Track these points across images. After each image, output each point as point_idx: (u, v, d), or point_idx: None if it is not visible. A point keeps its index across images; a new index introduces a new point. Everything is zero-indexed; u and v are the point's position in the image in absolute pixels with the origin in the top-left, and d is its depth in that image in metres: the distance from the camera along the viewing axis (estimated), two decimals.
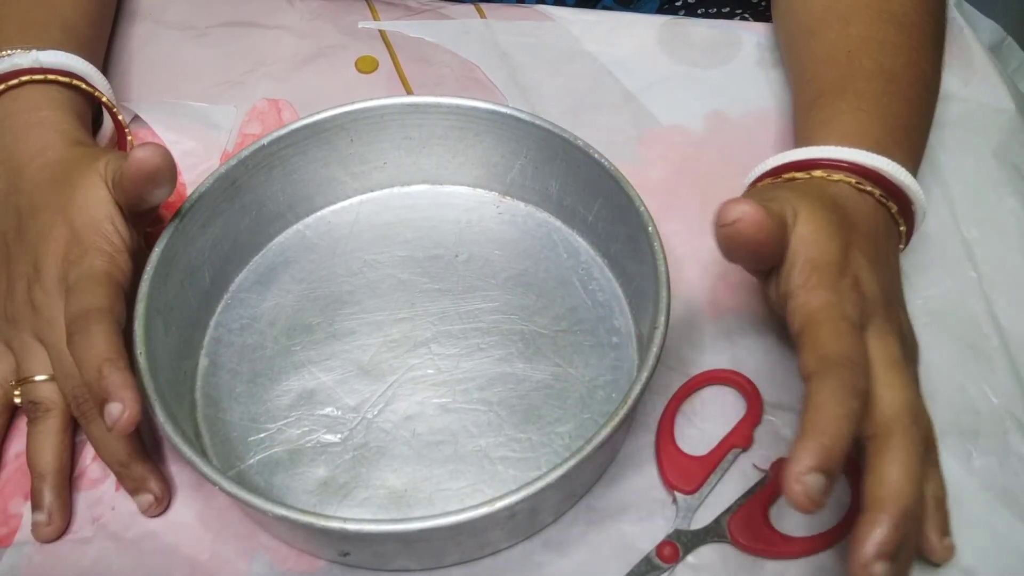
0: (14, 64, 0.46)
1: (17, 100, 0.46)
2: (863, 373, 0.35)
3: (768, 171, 0.44)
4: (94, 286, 0.39)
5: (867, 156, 0.42)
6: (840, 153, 0.42)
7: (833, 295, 0.37)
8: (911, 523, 0.34)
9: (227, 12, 0.62)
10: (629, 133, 0.56)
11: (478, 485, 0.42)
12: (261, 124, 0.57)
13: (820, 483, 0.32)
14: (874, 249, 0.40)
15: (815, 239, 0.38)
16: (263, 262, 0.50)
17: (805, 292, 0.37)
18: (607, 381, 0.45)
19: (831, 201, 0.40)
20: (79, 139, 0.46)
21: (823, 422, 0.33)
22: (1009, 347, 0.47)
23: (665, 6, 0.66)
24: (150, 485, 0.42)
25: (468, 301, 0.48)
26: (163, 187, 0.41)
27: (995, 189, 0.53)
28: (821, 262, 0.38)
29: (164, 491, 0.42)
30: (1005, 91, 0.57)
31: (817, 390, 0.34)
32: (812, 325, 0.36)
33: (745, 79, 0.58)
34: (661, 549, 0.41)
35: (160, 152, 0.40)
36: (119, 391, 0.36)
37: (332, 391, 0.45)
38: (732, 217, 0.36)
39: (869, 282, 0.38)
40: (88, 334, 0.37)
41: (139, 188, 0.41)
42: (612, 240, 0.48)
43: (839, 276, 0.37)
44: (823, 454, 0.32)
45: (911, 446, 0.35)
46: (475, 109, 0.49)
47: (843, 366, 0.34)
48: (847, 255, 0.38)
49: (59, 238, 0.42)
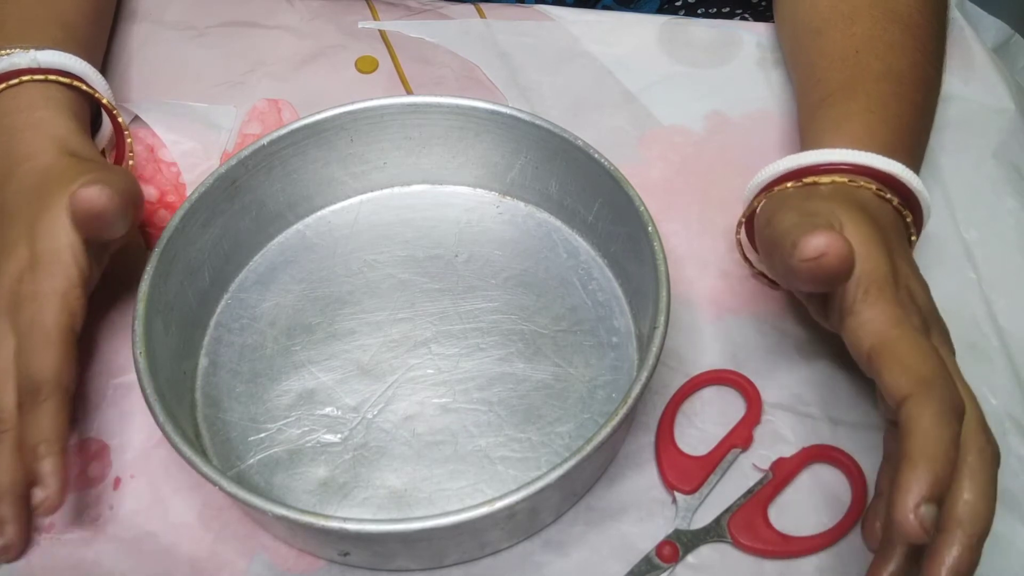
0: (13, 64, 0.46)
1: (15, 99, 0.46)
2: (957, 390, 0.34)
3: (782, 175, 0.44)
4: (46, 347, 0.40)
5: (885, 162, 0.41)
6: (856, 157, 0.42)
7: (898, 308, 0.36)
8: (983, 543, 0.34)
9: (227, 12, 0.62)
10: (629, 133, 0.56)
11: (478, 485, 0.42)
12: (261, 124, 0.57)
13: (934, 513, 0.31)
14: (909, 256, 0.40)
15: (866, 252, 0.37)
16: (263, 262, 0.50)
17: (868, 308, 0.36)
18: (607, 381, 0.45)
19: (865, 209, 0.40)
20: (73, 146, 0.45)
21: (931, 448, 0.32)
22: (1008, 348, 0.47)
23: (665, 6, 0.66)
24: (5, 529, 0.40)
25: (468, 301, 0.48)
26: (116, 225, 0.40)
27: (995, 189, 0.53)
28: (877, 275, 0.36)
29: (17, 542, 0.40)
30: (1005, 91, 0.57)
31: (919, 414, 0.33)
32: (888, 343, 0.35)
33: (745, 79, 0.58)
34: (661, 549, 0.41)
35: (105, 193, 0.39)
36: (47, 477, 0.38)
37: (332, 391, 0.45)
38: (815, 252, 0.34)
39: (919, 291, 0.38)
40: (35, 409, 0.39)
41: (86, 229, 0.41)
42: (612, 240, 0.48)
43: (896, 288, 0.36)
44: (936, 484, 0.32)
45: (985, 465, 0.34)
46: (475, 109, 0.49)
47: (940, 385, 0.33)
48: (896, 264, 0.38)
49: (19, 259, 0.41)
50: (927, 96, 0.48)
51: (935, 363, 0.35)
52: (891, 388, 0.34)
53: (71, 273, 0.41)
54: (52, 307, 0.40)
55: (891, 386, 0.34)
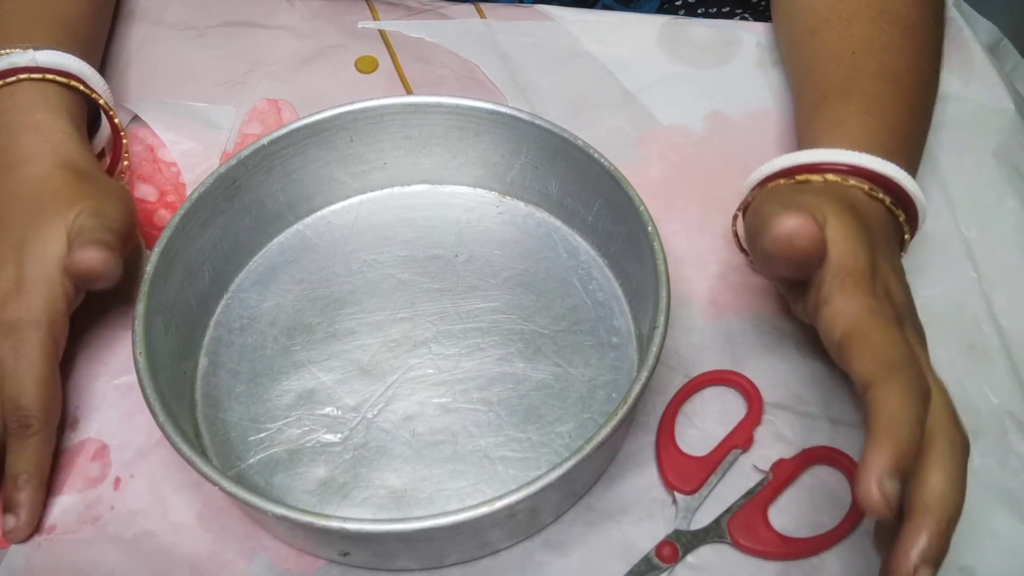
0: (11, 63, 0.46)
1: (13, 99, 0.46)
2: (924, 376, 0.35)
3: (777, 171, 0.44)
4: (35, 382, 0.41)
5: (880, 163, 0.42)
6: (852, 158, 0.42)
7: (872, 300, 0.36)
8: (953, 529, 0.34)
9: (227, 12, 0.62)
10: (629, 133, 0.56)
11: (478, 485, 0.42)
12: (261, 124, 0.57)
13: (897, 488, 0.32)
14: (894, 256, 0.41)
15: (847, 246, 0.37)
16: (263, 262, 0.50)
17: (843, 298, 0.36)
18: (607, 381, 0.45)
19: (851, 205, 0.40)
20: (70, 154, 0.45)
21: (895, 426, 0.32)
22: (1009, 347, 0.47)
23: (665, 6, 0.66)
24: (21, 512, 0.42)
25: (468, 301, 0.48)
26: (111, 279, 0.41)
27: (995, 189, 0.53)
28: (855, 268, 0.37)
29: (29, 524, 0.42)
30: (1005, 91, 0.57)
31: (884, 395, 0.33)
32: (860, 331, 0.35)
33: (745, 79, 0.58)
34: (661, 549, 0.41)
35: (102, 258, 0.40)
36: (20, 508, 0.41)
37: (332, 391, 0.45)
38: (786, 231, 0.35)
39: (897, 289, 0.38)
40: (21, 443, 0.41)
41: (80, 284, 0.42)
42: (612, 240, 0.48)
43: (872, 282, 0.37)
44: (899, 459, 0.32)
45: (955, 453, 0.35)
46: (475, 109, 0.49)
47: (906, 370, 0.34)
48: (876, 261, 0.38)
49: (6, 277, 0.42)
50: (925, 96, 0.48)
51: (904, 350, 0.35)
52: (859, 373, 0.35)
53: (58, 304, 0.42)
54: (39, 337, 0.41)
55: (859, 371, 0.35)
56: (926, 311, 0.48)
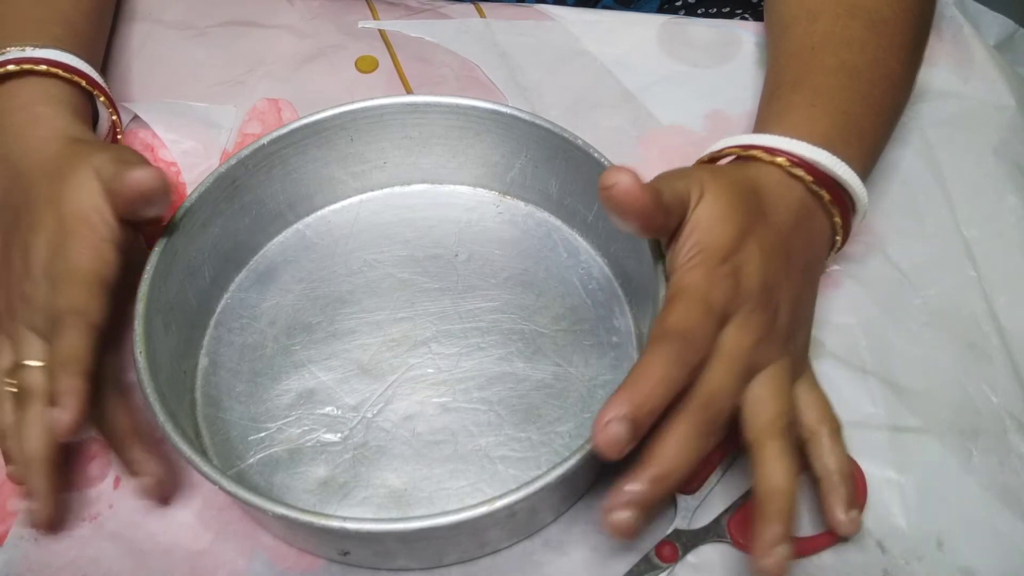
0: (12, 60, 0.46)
1: (15, 98, 0.46)
2: (695, 351, 0.36)
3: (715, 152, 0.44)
4: (70, 286, 0.40)
5: (805, 147, 0.42)
6: (778, 142, 0.42)
7: (704, 279, 0.37)
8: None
9: (227, 12, 0.62)
10: (629, 133, 0.56)
11: (478, 484, 0.42)
12: (261, 124, 0.57)
13: (623, 431, 0.33)
14: (779, 244, 0.40)
15: (710, 223, 0.39)
16: (263, 262, 0.50)
17: (683, 271, 0.38)
18: (607, 381, 0.45)
19: (747, 187, 0.40)
20: (76, 135, 0.46)
21: (640, 381, 0.34)
22: (1009, 346, 0.47)
23: (665, 6, 0.67)
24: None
25: (468, 301, 0.48)
26: (157, 205, 0.42)
27: (995, 187, 0.53)
28: (708, 246, 0.38)
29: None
30: (1005, 88, 0.57)
31: (646, 354, 0.35)
32: (671, 300, 0.37)
33: (745, 79, 0.58)
34: (660, 549, 0.41)
35: (156, 177, 0.41)
36: (62, 396, 0.37)
37: (332, 390, 0.45)
38: (609, 182, 0.37)
39: (753, 274, 0.38)
40: (58, 337, 0.39)
41: (132, 205, 0.42)
42: (612, 240, 0.48)
43: (719, 262, 0.38)
44: (631, 408, 0.34)
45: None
46: (475, 109, 0.49)
47: (678, 339, 0.35)
48: (740, 243, 0.38)
49: (47, 228, 0.42)
50: (888, 92, 0.48)
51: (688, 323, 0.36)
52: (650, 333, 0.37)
53: (101, 229, 0.41)
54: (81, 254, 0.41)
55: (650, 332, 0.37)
56: (926, 310, 0.48)
